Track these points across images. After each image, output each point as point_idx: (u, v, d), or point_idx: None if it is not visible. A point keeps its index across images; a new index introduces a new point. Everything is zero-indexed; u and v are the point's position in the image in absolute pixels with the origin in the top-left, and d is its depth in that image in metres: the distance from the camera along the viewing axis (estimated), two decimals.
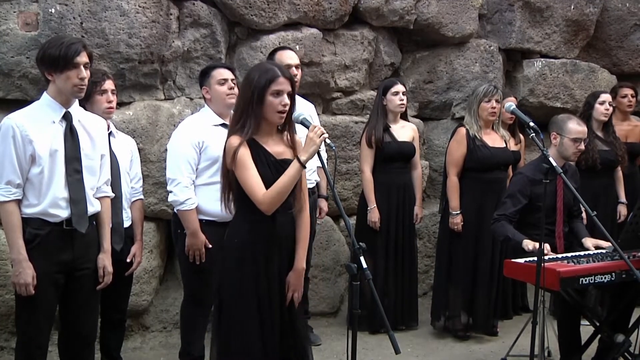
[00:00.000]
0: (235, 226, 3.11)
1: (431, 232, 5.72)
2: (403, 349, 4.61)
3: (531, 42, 6.05)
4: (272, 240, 3.05)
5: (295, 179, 2.99)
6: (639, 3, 6.29)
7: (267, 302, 3.04)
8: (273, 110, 2.99)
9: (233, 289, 3.03)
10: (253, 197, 2.95)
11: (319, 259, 5.29)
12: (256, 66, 3.15)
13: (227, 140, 3.02)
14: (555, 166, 3.79)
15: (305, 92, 5.09)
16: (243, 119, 2.97)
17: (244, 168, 2.94)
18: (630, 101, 5.73)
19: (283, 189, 2.95)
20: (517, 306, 5.43)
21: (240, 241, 3.05)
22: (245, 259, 3.02)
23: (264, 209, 2.96)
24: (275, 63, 3.55)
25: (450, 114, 5.94)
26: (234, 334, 3.03)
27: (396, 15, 5.45)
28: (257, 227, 3.03)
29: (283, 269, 3.11)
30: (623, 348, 3.86)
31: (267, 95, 2.96)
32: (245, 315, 3.01)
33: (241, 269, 3.02)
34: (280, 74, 2.99)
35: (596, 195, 5.25)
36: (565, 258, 3.84)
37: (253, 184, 2.94)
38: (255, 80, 2.97)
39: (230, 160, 2.95)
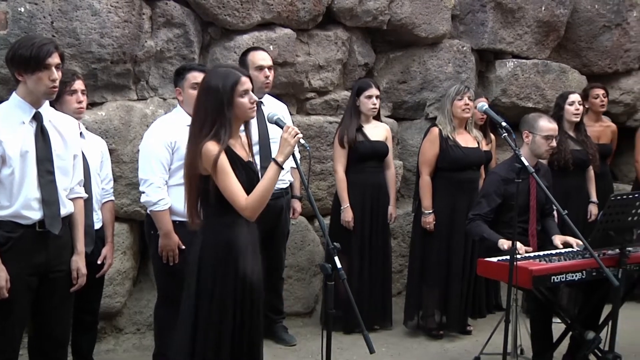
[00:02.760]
0: (209, 230, 3.07)
1: (405, 232, 5.75)
2: (377, 348, 4.60)
3: (503, 42, 6.10)
4: (247, 241, 3.05)
5: (275, 181, 2.99)
6: (607, 5, 6.37)
7: (240, 304, 3.04)
8: (244, 109, 3.01)
9: (211, 291, 3.01)
10: (236, 203, 2.94)
11: (293, 259, 5.28)
12: (213, 72, 3.12)
13: (195, 147, 2.97)
14: (527, 165, 3.84)
15: (279, 92, 5.09)
16: (217, 126, 2.95)
17: (226, 175, 2.93)
18: (603, 101, 5.81)
19: (265, 193, 2.96)
20: (490, 304, 5.47)
21: (217, 244, 3.02)
22: (224, 263, 3.01)
23: (247, 214, 2.96)
24: (229, 64, 3.57)
25: (424, 114, 5.97)
26: (211, 335, 3.01)
27: (370, 15, 5.46)
28: (233, 230, 3.02)
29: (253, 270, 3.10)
30: (593, 345, 3.91)
31: (236, 98, 2.97)
32: (223, 316, 3.01)
33: (220, 272, 3.01)
34: (240, 74, 3.01)
35: (568, 194, 5.31)
36: (537, 257, 3.88)
37: (235, 191, 2.93)
38: (220, 87, 2.96)
39: (210, 167, 2.93)
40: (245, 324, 3.05)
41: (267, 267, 4.80)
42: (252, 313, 3.08)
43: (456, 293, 4.88)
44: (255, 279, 3.09)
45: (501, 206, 4.22)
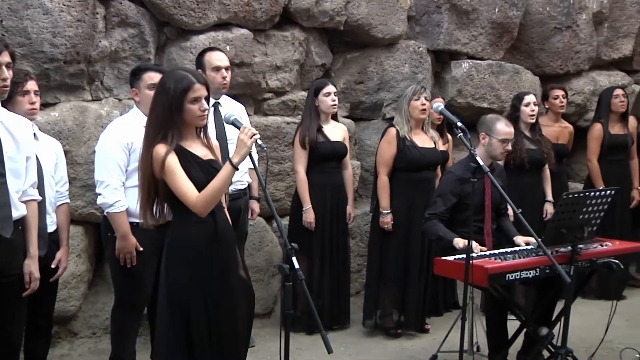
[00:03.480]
0: (177, 230, 3.08)
1: (363, 232, 5.77)
2: (336, 348, 4.62)
3: (458, 43, 6.18)
4: (213, 240, 3.05)
5: (228, 181, 2.99)
6: (558, 7, 6.49)
7: (211, 303, 3.03)
8: (193, 116, 3.01)
9: (179, 291, 3.01)
10: (186, 200, 2.94)
11: (251, 260, 5.27)
12: (170, 74, 3.13)
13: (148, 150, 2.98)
14: (483, 165, 3.89)
15: (236, 92, 5.06)
16: (164, 130, 2.96)
17: (173, 174, 2.94)
18: (562, 102, 5.92)
19: (216, 191, 2.95)
20: (447, 303, 5.54)
21: (185, 243, 3.03)
22: (189, 261, 3.01)
23: (197, 211, 2.95)
24: (188, 69, 3.58)
25: (381, 115, 6.01)
26: (180, 335, 3.00)
27: (326, 16, 5.48)
28: (201, 227, 3.02)
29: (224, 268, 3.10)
30: (547, 341, 3.99)
31: (186, 104, 2.97)
32: (194, 316, 3.00)
33: (186, 272, 3.01)
34: (195, 80, 3.00)
35: (524, 193, 5.41)
36: (493, 255, 3.93)
37: (184, 188, 2.93)
38: (171, 90, 2.96)
39: (159, 168, 2.93)
40: (217, 324, 3.04)
41: None
42: (226, 313, 3.07)
43: (414, 292, 4.92)
44: (228, 277, 3.09)
45: (457, 205, 4.27)
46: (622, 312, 5.24)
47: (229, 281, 3.12)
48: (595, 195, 3.94)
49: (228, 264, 3.13)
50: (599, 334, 4.24)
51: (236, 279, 3.19)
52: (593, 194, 3.95)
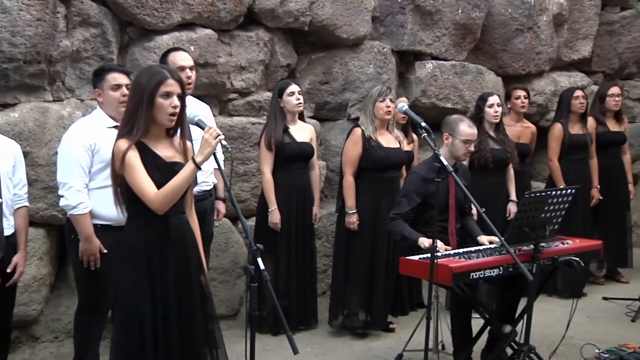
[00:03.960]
0: (128, 231, 3.06)
1: (329, 232, 5.79)
2: (302, 348, 4.63)
3: (422, 44, 6.22)
4: (166, 244, 3.02)
5: (189, 180, 2.97)
6: (519, 9, 6.58)
7: (161, 307, 3.00)
8: (164, 112, 2.97)
9: (128, 293, 2.98)
10: (144, 196, 2.91)
11: (217, 261, 5.24)
12: (145, 69, 3.13)
13: (114, 144, 2.97)
14: (447, 165, 3.92)
15: (200, 93, 5.03)
16: (132, 122, 2.94)
17: (133, 170, 2.90)
18: (524, 102, 6.00)
19: (176, 189, 2.93)
20: (413, 302, 5.58)
21: (133, 245, 3.00)
22: (139, 263, 2.98)
23: (155, 207, 2.92)
24: (164, 66, 3.54)
25: (346, 115, 6.03)
26: (128, 339, 2.97)
27: (291, 16, 5.48)
28: (150, 231, 2.99)
29: (180, 273, 3.07)
30: (510, 338, 4.04)
31: (157, 98, 2.94)
32: (140, 320, 2.96)
33: (135, 273, 2.98)
34: (169, 75, 2.98)
35: (488, 192, 5.45)
36: (457, 254, 3.97)
37: (143, 185, 2.91)
38: (144, 83, 2.94)
39: (119, 164, 2.91)
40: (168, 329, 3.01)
41: None
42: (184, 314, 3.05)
43: (380, 292, 4.94)
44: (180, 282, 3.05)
45: (421, 205, 4.30)
46: (583, 309, 5.37)
47: (186, 286, 3.08)
48: (556, 194, 4.00)
49: (186, 268, 3.09)
50: (560, 330, 4.32)
51: (195, 284, 3.14)
52: (554, 193, 4.01)
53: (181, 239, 3.08)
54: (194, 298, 3.12)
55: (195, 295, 3.13)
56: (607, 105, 6.24)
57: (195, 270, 3.16)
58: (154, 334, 2.98)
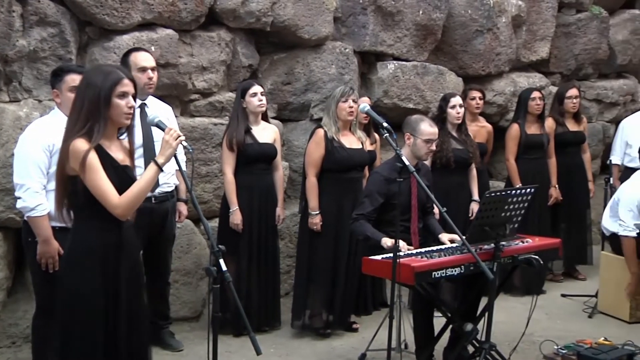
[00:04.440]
0: (80, 234, 2.97)
1: (292, 233, 5.78)
2: (266, 349, 4.63)
3: (384, 45, 6.26)
4: (120, 247, 2.98)
5: (152, 182, 2.95)
6: (479, 10, 6.65)
7: (113, 310, 2.96)
8: (120, 112, 2.92)
9: (82, 298, 2.92)
10: (107, 202, 2.85)
11: (180, 263, 5.20)
12: (96, 69, 3.08)
13: (66, 144, 2.87)
14: (408, 165, 3.96)
15: (162, 93, 4.99)
16: (90, 123, 2.86)
17: (95, 173, 2.84)
18: (478, 103, 6.07)
19: (140, 193, 2.90)
20: (376, 302, 5.59)
21: (88, 249, 2.93)
22: (94, 268, 2.92)
23: (119, 213, 2.88)
24: (115, 65, 3.50)
25: (309, 115, 6.03)
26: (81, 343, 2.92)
27: (253, 17, 5.46)
28: (105, 235, 2.94)
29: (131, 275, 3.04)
30: (471, 336, 4.09)
31: (114, 98, 2.89)
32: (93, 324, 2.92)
33: (89, 279, 2.91)
34: (124, 75, 2.95)
35: (450, 192, 5.51)
36: (419, 253, 4.00)
37: (105, 189, 2.85)
38: (100, 83, 2.88)
39: (76, 165, 2.83)
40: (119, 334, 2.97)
41: (152, 272, 4.74)
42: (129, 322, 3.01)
43: (342, 292, 4.96)
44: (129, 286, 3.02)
45: (384, 205, 4.32)
46: (542, 306, 5.46)
47: (136, 288, 3.06)
48: (516, 193, 4.06)
49: (136, 271, 3.08)
50: (520, 327, 4.38)
51: (142, 287, 3.14)
52: (514, 192, 4.06)
53: (130, 242, 3.05)
54: (142, 301, 3.11)
55: (143, 304, 3.12)
56: (566, 107, 6.35)
57: (142, 273, 3.17)
58: (106, 338, 2.94)
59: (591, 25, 7.57)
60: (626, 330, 5.05)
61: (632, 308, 5.32)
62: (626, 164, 6.56)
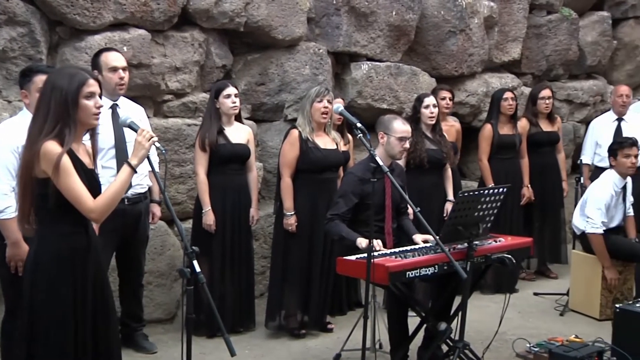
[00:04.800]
0: (45, 240, 2.91)
1: (267, 233, 5.77)
2: (240, 350, 4.62)
3: (358, 45, 6.27)
4: (88, 249, 2.95)
5: (127, 184, 2.92)
6: (451, 11, 6.69)
7: (81, 313, 2.93)
8: (89, 113, 2.89)
9: (50, 305, 2.88)
10: (82, 205, 2.82)
11: (153, 264, 5.17)
12: (59, 71, 3.04)
13: (35, 147, 2.80)
14: (382, 165, 3.97)
15: (134, 94, 4.95)
16: (60, 126, 2.82)
17: (69, 176, 2.80)
18: (448, 103, 6.12)
19: (115, 195, 2.87)
20: (350, 302, 5.61)
21: (56, 253, 2.88)
22: (63, 272, 2.88)
23: (94, 217, 2.86)
24: (77, 66, 3.47)
25: (283, 116, 6.03)
26: (49, 347, 2.88)
27: (226, 17, 5.44)
28: (74, 239, 2.91)
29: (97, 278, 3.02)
30: (445, 335, 4.11)
31: (81, 99, 2.86)
32: (62, 329, 2.89)
33: (59, 285, 2.88)
34: (88, 75, 2.92)
35: (424, 192, 5.53)
36: (393, 253, 4.02)
37: (81, 193, 2.81)
38: (66, 85, 2.84)
39: (52, 168, 2.78)
40: (87, 339, 2.95)
41: (126, 274, 4.71)
42: (98, 326, 2.99)
43: (317, 292, 4.96)
44: (97, 289, 2.99)
45: (358, 205, 4.33)
46: (515, 305, 5.52)
47: (104, 291, 3.04)
48: (489, 193, 4.10)
49: (101, 274, 3.06)
50: (493, 326, 4.42)
51: (109, 286, 3.13)
52: (487, 192, 4.10)
53: (96, 245, 3.03)
54: (110, 303, 3.09)
55: (111, 301, 3.10)
56: (539, 107, 6.41)
57: (106, 274, 3.15)
58: (75, 342, 2.91)
59: (561, 27, 7.67)
60: (596, 328, 5.13)
61: (602, 305, 5.40)
62: (596, 163, 6.66)
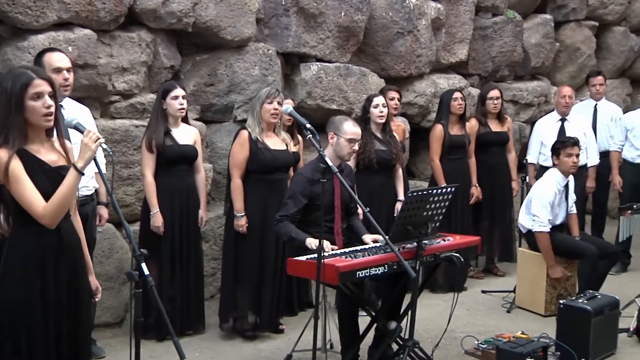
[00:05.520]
0: (15, 241, 2.90)
1: (217, 235, 5.74)
2: (191, 353, 4.59)
3: (307, 46, 6.28)
4: (60, 249, 2.92)
5: (75, 187, 2.88)
6: (399, 13, 6.76)
7: (54, 313, 2.90)
8: (37, 114, 2.84)
9: (18, 305, 2.84)
10: (32, 211, 2.79)
11: (101, 268, 5.08)
12: (7, 73, 2.97)
13: None
14: (332, 166, 3.99)
15: (80, 95, 4.87)
16: (5, 131, 2.78)
17: (19, 182, 2.77)
18: (397, 104, 6.18)
19: (64, 199, 2.83)
20: (302, 302, 5.62)
21: (26, 254, 2.86)
22: (33, 272, 2.85)
23: (46, 222, 2.82)
24: (29, 65, 3.40)
25: (232, 117, 6.00)
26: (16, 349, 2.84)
27: (174, 17, 5.39)
28: (44, 239, 2.87)
29: (72, 277, 2.98)
30: (395, 334, 4.15)
31: (27, 101, 2.81)
32: (30, 330, 2.85)
33: (29, 285, 2.85)
34: (35, 75, 2.85)
35: (374, 192, 5.58)
36: (343, 253, 4.03)
37: (31, 199, 2.78)
38: (9, 88, 2.79)
39: (2, 175, 2.76)
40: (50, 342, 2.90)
41: None
42: (71, 323, 2.95)
43: (269, 293, 4.95)
44: (71, 286, 2.96)
45: (308, 206, 4.34)
46: (464, 303, 5.61)
47: (77, 290, 3.00)
48: (437, 192, 4.15)
49: (76, 273, 3.01)
50: (443, 324, 4.48)
51: (84, 285, 3.08)
52: (435, 192, 4.15)
53: (70, 243, 2.99)
54: (83, 303, 3.05)
55: (85, 300, 3.06)
56: (487, 108, 6.52)
57: (84, 272, 3.09)
58: (47, 343, 2.88)
59: (506, 29, 7.82)
60: (542, 324, 5.24)
61: (547, 302, 5.53)
62: (541, 162, 6.81)
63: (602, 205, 7.46)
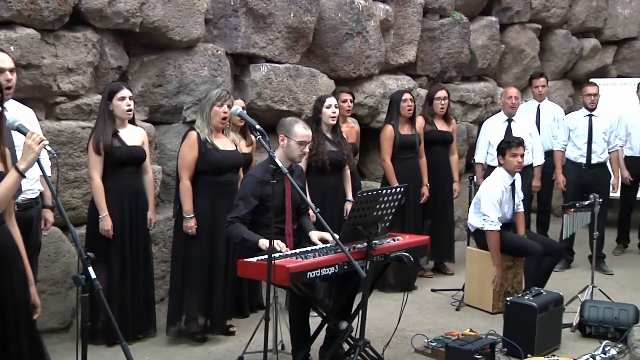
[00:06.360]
0: None
1: (167, 237, 5.68)
2: (140, 357, 4.53)
3: (256, 47, 6.26)
4: None
5: (13, 189, 2.82)
6: (348, 14, 6.80)
7: None
8: None
9: None
10: None
11: (47, 272, 4.98)
12: None
13: None
14: (282, 167, 3.98)
15: (24, 96, 4.75)
16: None
17: None
18: (350, 105, 6.21)
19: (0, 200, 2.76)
20: (252, 304, 5.60)
21: None
22: None
23: None
24: None
25: (181, 118, 5.94)
26: None
27: (120, 17, 5.31)
28: None
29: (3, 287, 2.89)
30: (346, 334, 4.17)
31: None
32: None
33: None
34: None
35: (326, 193, 5.61)
36: (294, 254, 4.04)
37: None
38: None
39: None
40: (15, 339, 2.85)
41: None
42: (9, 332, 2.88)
43: (219, 296, 4.92)
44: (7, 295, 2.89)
45: (258, 207, 4.32)
46: (414, 302, 5.68)
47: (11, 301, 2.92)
48: (387, 192, 4.18)
49: (10, 282, 2.93)
50: (393, 323, 4.53)
51: (21, 298, 2.99)
52: (385, 192, 4.18)
53: (3, 251, 2.90)
54: (19, 313, 2.96)
55: (21, 310, 2.97)
56: (434, 108, 6.61)
57: (21, 282, 3.00)
58: None
59: (453, 31, 7.94)
60: (490, 321, 5.34)
61: (495, 300, 5.63)
62: (489, 162, 6.93)
63: (546, 203, 7.65)
